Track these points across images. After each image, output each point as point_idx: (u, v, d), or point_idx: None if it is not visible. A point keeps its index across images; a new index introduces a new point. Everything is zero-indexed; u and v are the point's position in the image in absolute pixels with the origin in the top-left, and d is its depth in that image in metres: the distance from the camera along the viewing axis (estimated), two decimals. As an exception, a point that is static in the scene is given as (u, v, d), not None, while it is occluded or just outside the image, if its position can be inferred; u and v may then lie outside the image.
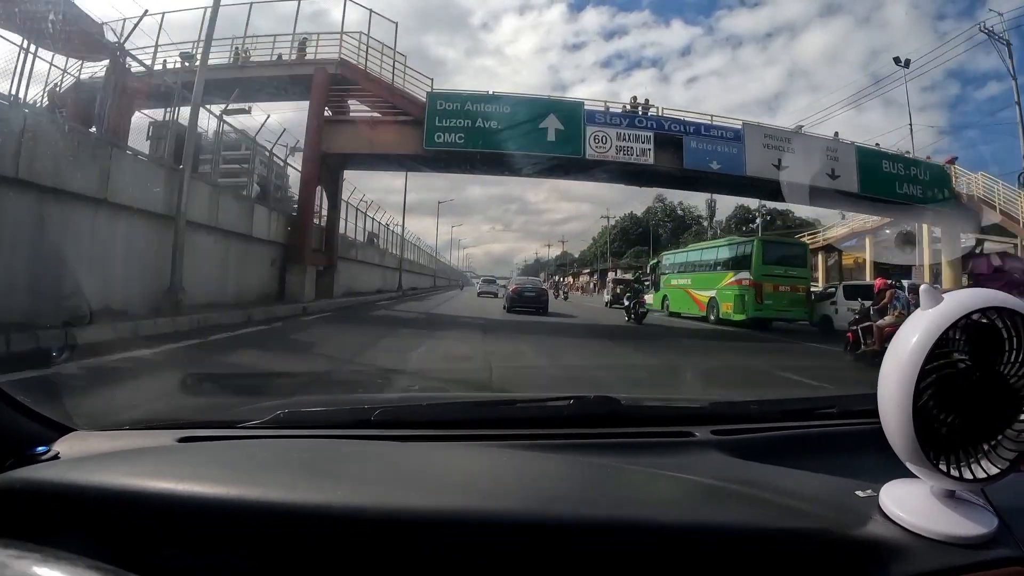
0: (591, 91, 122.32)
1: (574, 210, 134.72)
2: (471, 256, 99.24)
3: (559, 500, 0.71)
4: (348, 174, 17.22)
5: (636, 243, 56.20)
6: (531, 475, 0.81)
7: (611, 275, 34.21)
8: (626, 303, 14.64)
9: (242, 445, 0.93)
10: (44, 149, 6.54)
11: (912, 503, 0.68)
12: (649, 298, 20.86)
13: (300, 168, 14.80)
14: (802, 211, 35.68)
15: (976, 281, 15.88)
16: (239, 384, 3.24)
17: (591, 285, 53.99)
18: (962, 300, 0.62)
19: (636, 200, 63.60)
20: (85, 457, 0.82)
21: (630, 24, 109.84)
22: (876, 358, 6.16)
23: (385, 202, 42.27)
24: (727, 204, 47.75)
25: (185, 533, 0.64)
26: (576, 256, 77.95)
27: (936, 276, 17.06)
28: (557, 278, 69.11)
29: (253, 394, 2.96)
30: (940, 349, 0.61)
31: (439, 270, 54.32)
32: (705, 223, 55.72)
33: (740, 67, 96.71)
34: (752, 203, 38.05)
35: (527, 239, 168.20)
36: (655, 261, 23.08)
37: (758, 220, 39.41)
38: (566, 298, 32.11)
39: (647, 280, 19.87)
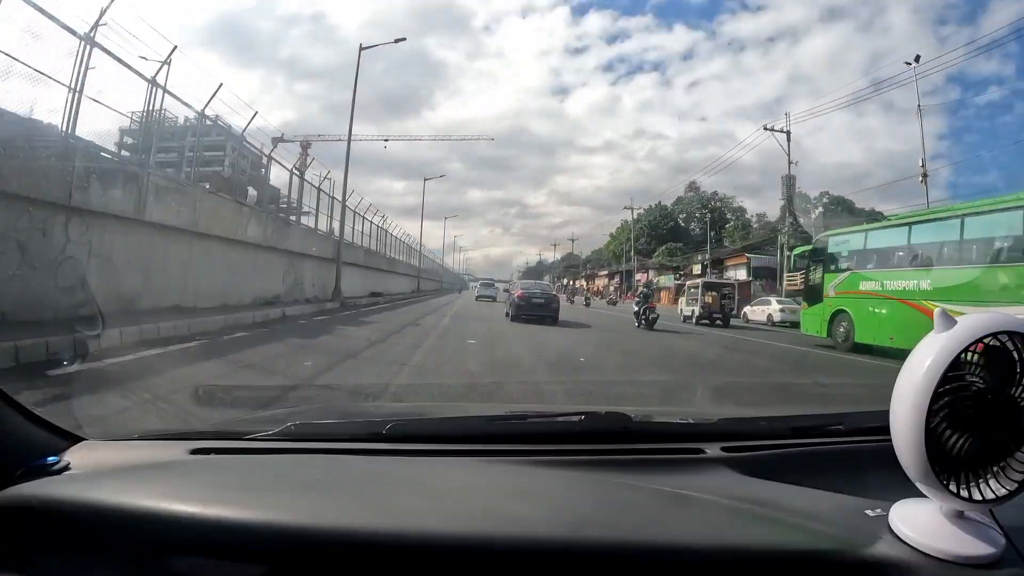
0: (592, 95, 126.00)
1: (574, 213, 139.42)
2: (470, 259, 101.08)
3: (585, 524, 0.71)
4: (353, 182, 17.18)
5: (666, 239, 50.45)
6: (544, 494, 0.82)
7: (696, 280, 22.12)
8: (636, 308, 14.84)
9: (255, 460, 0.94)
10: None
11: (921, 523, 0.69)
12: (789, 308, 17.95)
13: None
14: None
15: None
16: (250, 395, 3.29)
17: (611, 289, 50.09)
18: (975, 324, 0.64)
19: (644, 200, 61.71)
20: (98, 472, 0.82)
21: (632, 28, 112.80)
22: None
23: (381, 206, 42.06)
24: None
25: (199, 551, 0.65)
26: (584, 257, 75.22)
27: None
28: (567, 281, 63.80)
29: (264, 405, 2.99)
30: (953, 371, 0.62)
31: (441, 274, 54.96)
32: (751, 216, 49.97)
33: (742, 71, 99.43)
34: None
35: (526, 243, 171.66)
36: (810, 248, 13.13)
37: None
38: (587, 304, 29.48)
39: (805, 276, 12.79)
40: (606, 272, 59.00)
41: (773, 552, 0.69)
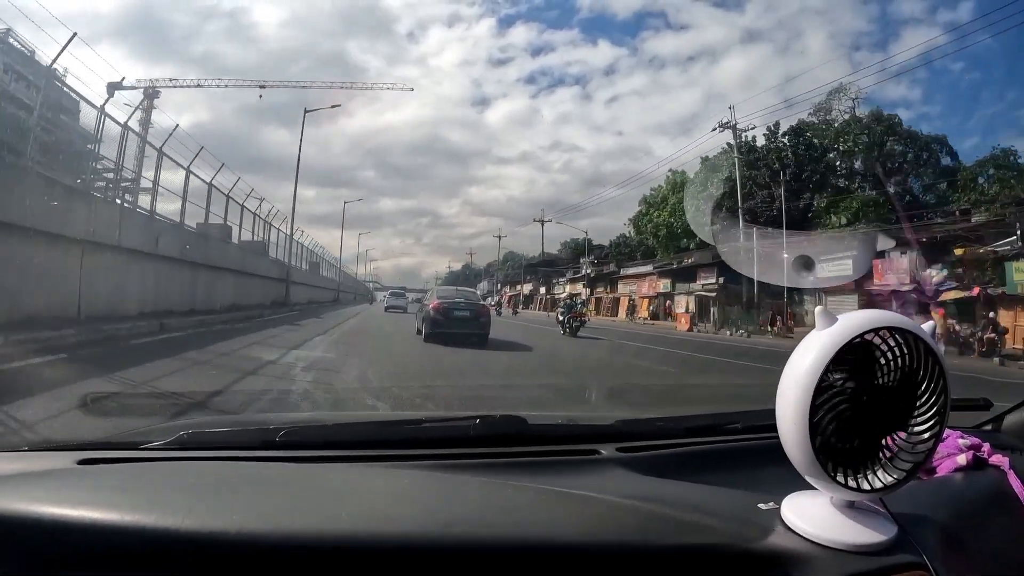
0: (512, 107, 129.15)
1: (487, 224, 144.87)
2: (380, 269, 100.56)
3: (457, 522, 0.72)
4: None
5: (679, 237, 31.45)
6: (433, 496, 0.83)
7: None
8: (560, 318, 16.04)
9: (143, 468, 0.92)
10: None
11: (813, 514, 0.72)
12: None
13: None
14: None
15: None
16: (142, 403, 3.20)
17: (644, 303, 35.11)
18: (855, 321, 0.67)
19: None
20: None
21: (558, 41, 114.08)
22: None
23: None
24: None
25: (83, 560, 0.64)
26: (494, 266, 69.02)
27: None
28: (505, 289, 58.45)
29: (157, 414, 2.94)
30: (837, 367, 0.66)
31: (343, 283, 50.91)
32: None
33: (660, 88, 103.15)
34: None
35: (438, 253, 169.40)
36: None
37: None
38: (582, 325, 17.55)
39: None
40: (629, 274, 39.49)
41: (664, 547, 0.71)
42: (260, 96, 35.98)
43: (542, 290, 53.90)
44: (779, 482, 0.78)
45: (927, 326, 0.70)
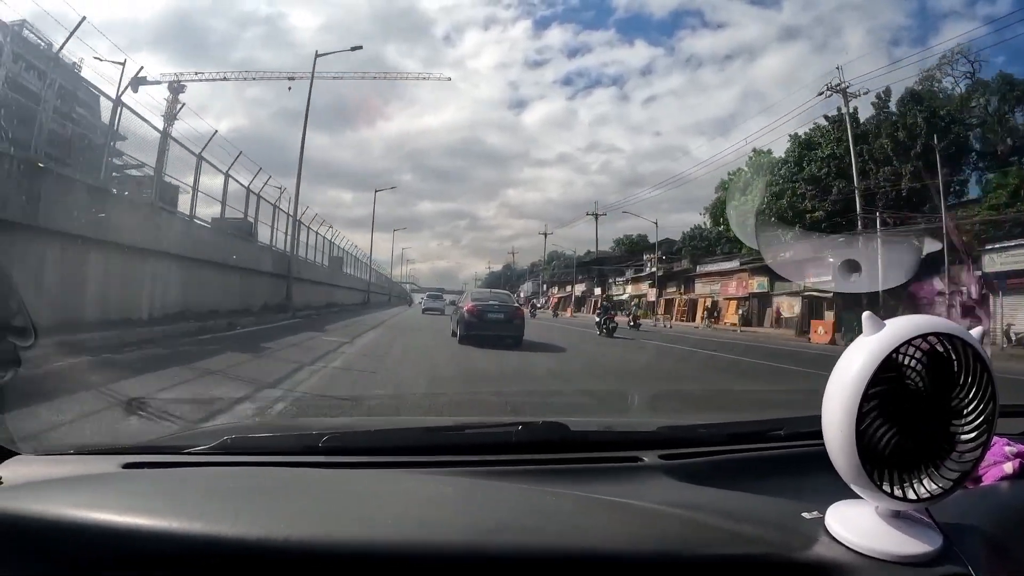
0: (549, 108, 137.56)
1: (525, 227, 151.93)
2: (417, 271, 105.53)
3: (499, 530, 0.77)
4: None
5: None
6: (475, 504, 0.88)
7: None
8: (597, 319, 18.87)
9: (187, 473, 1.01)
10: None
11: (858, 524, 0.75)
12: None
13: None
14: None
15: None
16: (186, 408, 3.49)
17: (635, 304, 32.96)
18: (903, 326, 0.70)
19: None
20: (27, 484, 0.89)
21: (594, 42, 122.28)
22: None
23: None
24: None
25: (127, 564, 0.71)
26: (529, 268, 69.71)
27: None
28: (551, 290, 57.38)
29: (200, 418, 3.17)
30: (885, 373, 0.69)
31: (376, 283, 52.71)
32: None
33: (698, 87, 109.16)
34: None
35: (475, 255, 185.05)
36: None
37: None
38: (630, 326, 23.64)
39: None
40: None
41: (706, 556, 0.75)
42: (289, 88, 38.09)
43: (597, 291, 51.54)
44: (823, 490, 0.81)
45: (976, 331, 0.72)
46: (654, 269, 41.61)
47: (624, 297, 42.51)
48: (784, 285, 28.55)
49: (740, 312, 31.89)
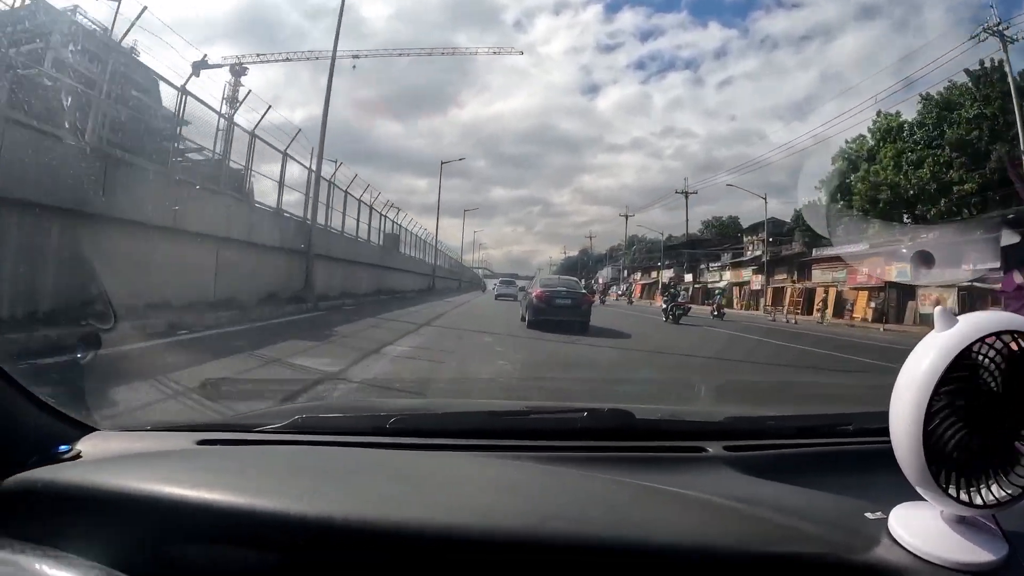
0: (622, 93, 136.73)
1: (599, 213, 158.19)
2: (491, 256, 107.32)
3: (559, 517, 0.83)
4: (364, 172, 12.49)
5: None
6: (537, 490, 0.94)
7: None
8: (664, 306, 19.21)
9: (259, 451, 1.11)
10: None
11: (921, 527, 0.77)
12: None
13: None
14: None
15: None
16: (258, 388, 3.78)
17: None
18: (977, 322, 0.70)
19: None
20: (106, 458, 1.00)
21: (666, 25, 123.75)
22: None
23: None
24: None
25: (200, 537, 0.78)
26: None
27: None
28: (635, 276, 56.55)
29: (273, 398, 3.41)
30: (956, 371, 0.69)
31: (444, 267, 53.21)
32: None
33: (774, 70, 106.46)
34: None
35: (547, 241, 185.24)
36: None
37: None
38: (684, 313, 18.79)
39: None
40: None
41: (764, 554, 0.78)
42: (354, 67, 39.91)
43: (687, 277, 47.12)
44: (888, 489, 0.83)
45: None
46: (759, 252, 37.53)
47: (722, 285, 38.51)
48: (931, 272, 23.32)
49: (873, 305, 27.78)
